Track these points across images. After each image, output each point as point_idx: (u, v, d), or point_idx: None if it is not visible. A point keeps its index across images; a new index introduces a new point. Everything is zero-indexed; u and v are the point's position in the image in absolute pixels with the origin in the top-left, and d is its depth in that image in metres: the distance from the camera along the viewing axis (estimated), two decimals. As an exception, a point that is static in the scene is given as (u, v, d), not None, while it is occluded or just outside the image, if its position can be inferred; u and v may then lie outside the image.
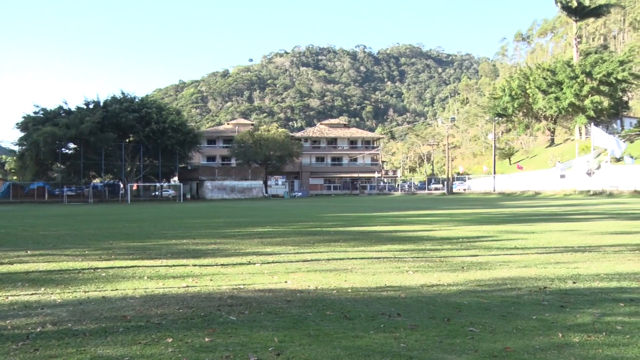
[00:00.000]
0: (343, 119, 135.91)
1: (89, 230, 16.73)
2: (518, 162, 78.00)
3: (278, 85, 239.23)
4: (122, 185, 61.75)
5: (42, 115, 59.98)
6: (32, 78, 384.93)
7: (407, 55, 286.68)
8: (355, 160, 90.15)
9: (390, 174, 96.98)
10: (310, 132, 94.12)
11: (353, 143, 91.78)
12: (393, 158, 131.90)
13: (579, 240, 11.88)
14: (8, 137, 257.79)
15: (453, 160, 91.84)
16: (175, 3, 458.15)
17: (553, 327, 4.76)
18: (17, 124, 60.26)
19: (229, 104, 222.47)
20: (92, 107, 62.13)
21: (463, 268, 8.18)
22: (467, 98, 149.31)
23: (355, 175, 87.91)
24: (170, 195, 67.87)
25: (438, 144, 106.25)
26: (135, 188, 65.27)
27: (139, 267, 8.66)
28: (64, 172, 62.97)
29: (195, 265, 8.72)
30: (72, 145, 61.47)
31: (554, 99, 75.00)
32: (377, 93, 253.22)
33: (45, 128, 54.70)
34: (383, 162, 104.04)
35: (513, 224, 17.15)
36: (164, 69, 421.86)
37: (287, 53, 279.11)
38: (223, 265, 8.73)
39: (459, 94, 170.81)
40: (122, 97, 63.91)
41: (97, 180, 66.71)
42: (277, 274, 7.76)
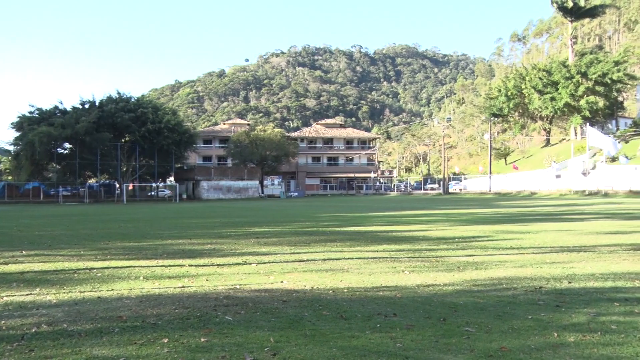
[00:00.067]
0: (339, 119, 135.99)
1: (85, 231, 16.69)
2: (514, 162, 78.16)
3: (274, 85, 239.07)
4: (117, 185, 61.59)
5: (37, 115, 59.71)
6: (27, 78, 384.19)
7: (403, 56, 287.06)
8: (352, 160, 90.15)
9: (387, 174, 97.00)
10: (307, 132, 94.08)
11: (349, 143, 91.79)
12: (389, 158, 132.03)
13: (575, 240, 11.92)
14: (3, 137, 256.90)
15: (449, 161, 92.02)
16: (172, 3, 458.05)
17: (548, 326, 4.78)
18: (12, 124, 59.95)
19: (225, 104, 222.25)
20: (87, 107, 61.88)
21: (459, 268, 8.19)
22: (463, 98, 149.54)
23: (352, 175, 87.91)
24: (166, 196, 67.70)
25: (434, 144, 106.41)
26: (131, 188, 65.07)
27: (135, 267, 8.64)
28: (60, 172, 62.68)
29: (192, 266, 8.71)
30: (67, 145, 61.18)
31: (550, 99, 75.23)
32: (373, 93, 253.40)
33: (41, 128, 54.43)
34: (379, 162, 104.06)
35: (509, 224, 17.20)
36: (160, 69, 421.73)
37: (283, 53, 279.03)
38: (219, 266, 8.72)
39: (455, 94, 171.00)
40: (117, 97, 63.67)
41: (92, 180, 66.50)
42: (273, 274, 7.76)
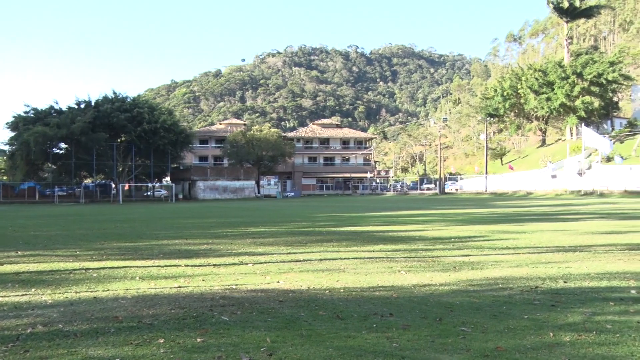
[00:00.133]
0: (335, 119, 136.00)
1: (81, 231, 16.64)
2: (510, 162, 78.34)
3: (270, 85, 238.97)
4: (113, 186, 61.44)
5: (32, 115, 59.53)
6: (23, 78, 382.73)
7: (399, 56, 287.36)
8: (348, 161, 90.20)
9: (383, 174, 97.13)
10: (303, 132, 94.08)
11: (345, 143, 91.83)
12: (385, 158, 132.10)
13: (570, 240, 11.95)
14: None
15: (445, 161, 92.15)
16: (169, 3, 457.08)
17: (544, 326, 4.79)
18: (7, 124, 59.78)
19: (222, 104, 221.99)
20: (83, 106, 61.72)
21: (455, 268, 8.20)
22: (459, 98, 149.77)
23: (348, 176, 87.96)
24: (163, 196, 67.59)
25: (430, 144, 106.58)
26: (127, 188, 64.94)
27: (131, 267, 8.62)
28: (55, 172, 62.52)
29: (188, 266, 8.70)
30: (63, 145, 60.99)
31: (545, 100, 75.39)
32: (369, 93, 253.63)
33: (36, 128, 54.25)
34: (375, 162, 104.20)
35: (505, 224, 17.23)
36: (156, 69, 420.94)
37: (279, 53, 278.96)
38: (215, 266, 8.71)
39: (451, 94, 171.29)
40: (113, 96, 63.55)
41: (88, 181, 66.33)
42: (269, 274, 7.76)
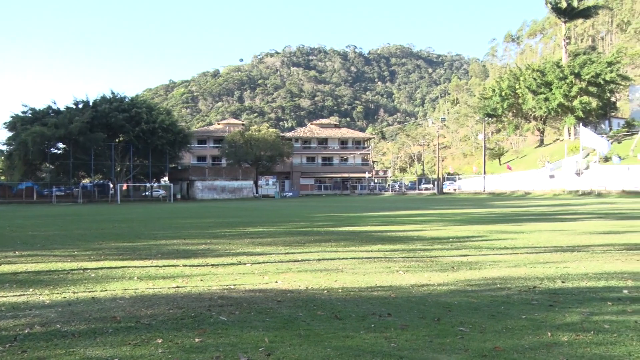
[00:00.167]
0: (334, 119, 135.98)
1: (78, 231, 16.62)
2: (508, 162, 78.36)
3: (269, 85, 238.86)
4: (111, 186, 61.35)
5: (30, 115, 59.39)
6: (20, 78, 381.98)
7: (397, 56, 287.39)
8: (346, 161, 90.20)
9: (381, 174, 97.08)
10: (301, 132, 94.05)
11: (344, 143, 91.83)
12: (384, 158, 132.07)
13: (568, 240, 11.97)
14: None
15: (443, 161, 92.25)
16: (166, 3, 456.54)
17: (542, 326, 4.80)
18: (5, 124, 59.67)
19: (220, 104, 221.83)
20: (81, 107, 61.58)
21: (453, 268, 8.21)
22: (457, 98, 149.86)
23: (346, 176, 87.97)
24: (161, 196, 67.51)
25: (428, 144, 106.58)
26: (125, 188, 64.86)
27: (129, 267, 8.61)
28: (53, 172, 62.41)
29: (186, 266, 8.69)
30: (61, 145, 60.85)
31: (543, 100, 75.50)
32: (367, 93, 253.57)
33: (34, 128, 54.12)
34: (374, 162, 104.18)
35: (503, 224, 17.25)
36: (154, 69, 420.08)
37: (277, 53, 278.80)
38: (213, 266, 8.71)
39: (449, 95, 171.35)
40: (111, 96, 63.41)
41: (86, 181, 66.24)
42: (267, 274, 7.76)
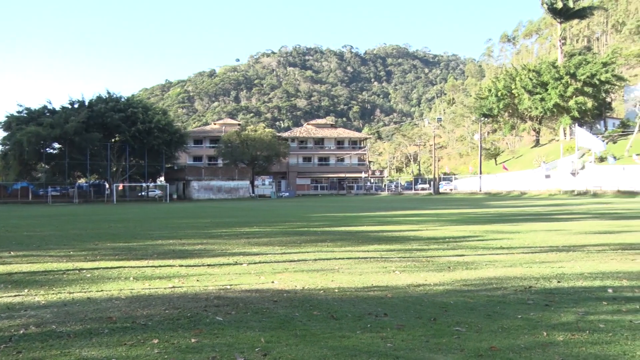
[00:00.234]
0: (330, 119, 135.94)
1: (74, 231, 16.57)
2: (504, 162, 78.52)
3: (265, 85, 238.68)
4: (107, 186, 61.17)
5: (25, 115, 59.13)
6: (15, 78, 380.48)
7: (393, 56, 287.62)
8: (342, 161, 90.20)
9: (377, 174, 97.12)
10: (297, 132, 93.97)
11: (340, 143, 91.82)
12: (380, 158, 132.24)
13: (564, 240, 12.01)
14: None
15: (439, 161, 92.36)
16: (162, 3, 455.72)
17: (538, 326, 4.81)
18: (0, 124, 59.45)
19: (216, 104, 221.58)
20: (77, 106, 61.38)
21: (449, 268, 8.22)
22: (453, 98, 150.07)
23: (342, 176, 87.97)
24: (157, 196, 67.33)
25: (425, 144, 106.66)
26: (121, 188, 64.67)
27: (125, 267, 8.59)
28: (49, 172, 62.20)
29: (182, 266, 8.68)
30: (56, 145, 60.67)
31: (539, 100, 75.67)
32: (364, 93, 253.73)
33: (29, 128, 53.92)
34: (370, 162, 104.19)
35: (499, 224, 17.28)
36: (150, 69, 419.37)
37: (274, 53, 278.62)
38: (210, 266, 8.70)
39: (446, 95, 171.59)
40: (107, 96, 63.23)
41: (82, 181, 65.98)
42: (263, 274, 7.75)
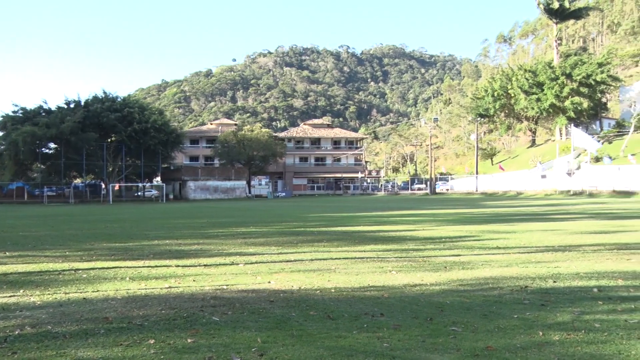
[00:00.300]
0: (326, 119, 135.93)
1: (70, 231, 16.52)
2: (500, 162, 78.66)
3: (261, 85, 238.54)
4: (103, 186, 61.04)
5: (21, 115, 58.93)
6: (10, 77, 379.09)
7: (390, 56, 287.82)
8: (339, 161, 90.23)
9: (374, 174, 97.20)
10: (294, 132, 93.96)
11: (336, 143, 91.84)
12: (376, 158, 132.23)
13: (560, 240, 12.03)
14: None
15: (436, 161, 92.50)
16: (159, 3, 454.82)
17: (534, 325, 4.82)
18: (-5, 123, 59.24)
19: (212, 104, 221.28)
20: (73, 106, 61.21)
21: (446, 268, 8.23)
22: (449, 99, 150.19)
23: (339, 176, 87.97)
24: (153, 196, 67.22)
25: (421, 144, 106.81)
26: (117, 188, 64.56)
27: (121, 268, 8.57)
28: (44, 172, 62.02)
29: (178, 266, 8.66)
30: (52, 145, 60.45)
31: (535, 100, 75.87)
32: (360, 93, 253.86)
33: (25, 127, 53.74)
34: (366, 162, 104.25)
35: (495, 224, 17.31)
36: (147, 69, 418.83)
37: (270, 53, 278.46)
38: (206, 266, 8.68)
39: (442, 95, 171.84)
40: (103, 96, 63.07)
41: (78, 181, 65.86)
42: (260, 275, 7.74)
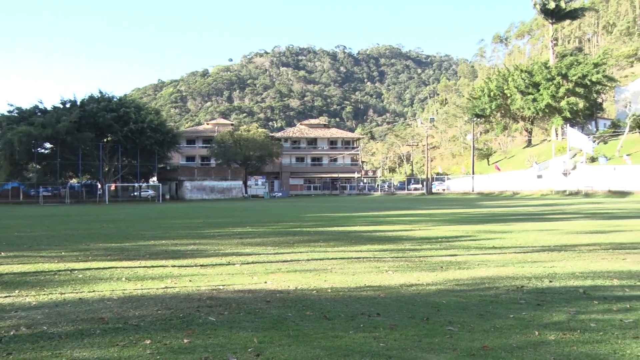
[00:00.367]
0: (323, 119, 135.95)
1: (66, 231, 16.47)
2: (496, 162, 78.81)
3: (258, 85, 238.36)
4: (99, 186, 60.88)
5: (16, 115, 58.71)
6: (5, 77, 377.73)
7: (386, 56, 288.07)
8: (335, 161, 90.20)
9: (370, 174, 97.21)
10: (290, 132, 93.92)
11: (333, 143, 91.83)
12: (373, 158, 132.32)
13: (556, 240, 12.07)
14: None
15: (432, 161, 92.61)
16: (156, 2, 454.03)
17: (530, 325, 4.83)
18: (-10, 123, 59.01)
19: (209, 104, 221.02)
20: (68, 106, 61.00)
21: (442, 268, 8.24)
22: (446, 99, 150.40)
23: (335, 176, 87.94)
24: (149, 196, 67.07)
25: (417, 145, 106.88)
26: (113, 188, 64.39)
27: (117, 268, 8.55)
28: (40, 172, 61.82)
29: (174, 266, 8.65)
30: (48, 145, 60.24)
31: (531, 100, 76.02)
32: (357, 93, 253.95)
33: (20, 127, 53.56)
34: (363, 162, 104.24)
35: (491, 224, 17.34)
36: (143, 69, 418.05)
37: (267, 53, 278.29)
38: (202, 266, 8.67)
39: (438, 95, 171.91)
40: (100, 96, 62.86)
41: (74, 181, 65.64)
42: (256, 275, 7.74)
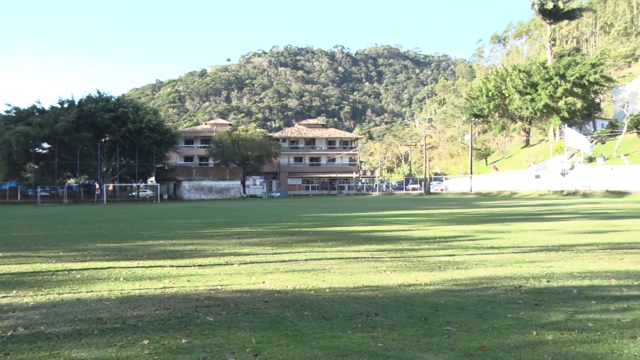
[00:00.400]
0: (321, 119, 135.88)
1: (64, 231, 16.45)
2: (494, 162, 78.87)
3: (256, 85, 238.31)
4: (97, 186, 60.79)
5: (14, 115, 58.64)
6: (3, 77, 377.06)
7: (385, 56, 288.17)
8: (334, 161, 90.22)
9: (368, 174, 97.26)
10: (289, 132, 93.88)
11: (331, 143, 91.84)
12: (371, 158, 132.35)
13: (553, 240, 12.09)
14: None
15: (430, 161, 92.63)
16: (154, 2, 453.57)
17: (528, 325, 4.83)
18: (-12, 123, 58.89)
19: (207, 104, 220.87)
20: (66, 106, 60.90)
21: (440, 267, 8.25)
22: (444, 99, 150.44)
23: (334, 176, 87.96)
24: (147, 196, 67.01)
25: (415, 145, 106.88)
26: (112, 188, 64.33)
27: (115, 268, 8.54)
28: (38, 172, 61.74)
29: (173, 266, 8.64)
30: (46, 145, 60.15)
31: (529, 100, 76.12)
32: (355, 93, 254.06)
33: (18, 127, 53.44)
34: (361, 162, 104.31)
35: (489, 224, 17.36)
36: (141, 68, 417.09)
37: (265, 53, 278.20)
38: (200, 266, 8.67)
39: (436, 95, 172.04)
40: (97, 96, 62.82)
41: (72, 181, 65.56)
42: (254, 275, 7.73)
